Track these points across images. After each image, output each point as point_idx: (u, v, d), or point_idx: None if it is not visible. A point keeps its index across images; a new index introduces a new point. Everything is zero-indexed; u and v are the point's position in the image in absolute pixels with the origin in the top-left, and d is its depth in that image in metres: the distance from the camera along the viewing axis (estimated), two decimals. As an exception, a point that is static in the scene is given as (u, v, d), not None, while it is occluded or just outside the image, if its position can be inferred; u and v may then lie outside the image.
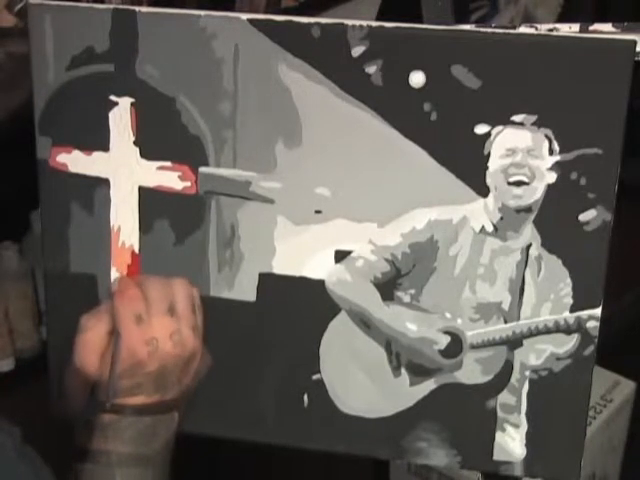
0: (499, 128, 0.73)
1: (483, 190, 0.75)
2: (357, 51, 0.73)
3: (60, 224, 0.81)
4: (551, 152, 0.73)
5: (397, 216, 0.77)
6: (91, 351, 0.74)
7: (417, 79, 0.73)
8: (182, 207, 0.79)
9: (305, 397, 0.82)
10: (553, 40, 0.72)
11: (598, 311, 0.76)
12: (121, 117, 0.77)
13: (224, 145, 0.77)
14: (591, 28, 0.74)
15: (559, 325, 0.77)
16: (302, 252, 0.78)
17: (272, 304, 0.80)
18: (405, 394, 0.81)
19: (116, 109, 0.77)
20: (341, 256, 0.78)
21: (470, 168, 0.75)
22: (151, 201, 0.79)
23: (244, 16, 0.74)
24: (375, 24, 0.73)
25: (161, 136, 0.78)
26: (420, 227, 0.77)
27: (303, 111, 0.75)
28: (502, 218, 0.76)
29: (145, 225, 0.80)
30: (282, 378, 0.82)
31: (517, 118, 0.73)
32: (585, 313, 0.77)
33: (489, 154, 0.74)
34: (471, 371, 0.79)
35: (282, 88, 0.75)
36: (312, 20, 0.74)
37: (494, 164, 0.74)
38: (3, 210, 1.13)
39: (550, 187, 0.74)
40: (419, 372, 0.80)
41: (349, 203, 0.77)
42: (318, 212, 0.77)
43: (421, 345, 0.79)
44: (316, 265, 0.79)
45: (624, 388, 1.37)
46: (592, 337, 0.77)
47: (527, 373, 0.79)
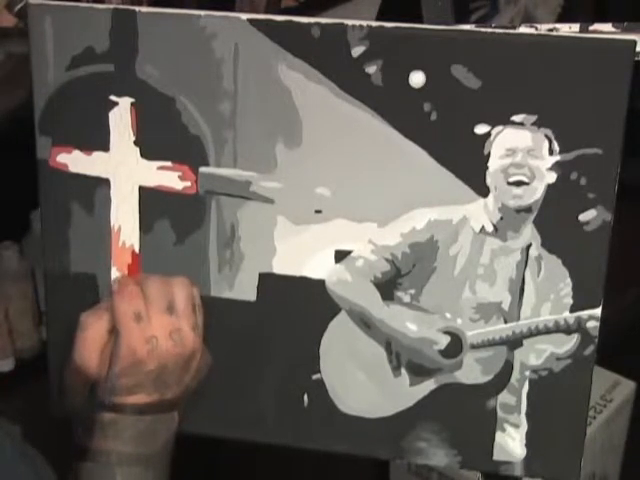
0: (499, 128, 0.73)
1: (483, 190, 0.75)
2: (357, 51, 0.73)
3: (60, 224, 0.81)
4: (551, 152, 0.73)
5: (397, 216, 0.77)
6: (91, 349, 0.74)
7: (417, 79, 0.73)
8: (182, 207, 0.79)
9: (305, 397, 0.82)
10: (553, 40, 0.72)
11: (598, 311, 0.76)
12: (121, 117, 0.77)
13: (224, 145, 0.77)
14: (591, 28, 0.74)
15: (559, 325, 0.77)
16: (302, 252, 0.78)
17: (272, 304, 0.80)
18: (405, 394, 0.81)
19: (116, 109, 0.77)
20: (341, 256, 0.78)
21: (470, 168, 0.75)
22: (151, 201, 0.79)
23: (244, 16, 0.74)
24: (375, 24, 0.73)
25: (161, 136, 0.78)
26: (420, 227, 0.77)
27: (303, 111, 0.75)
28: (502, 218, 0.76)
29: (145, 225, 0.80)
30: (282, 378, 0.82)
31: (517, 118, 0.73)
32: (585, 313, 0.77)
33: (489, 154, 0.74)
34: (471, 371, 0.79)
35: (282, 88, 0.75)
36: (312, 20, 0.74)
37: (494, 164, 0.74)
38: (3, 210, 1.13)
39: (550, 187, 0.74)
40: (419, 372, 0.80)
41: (349, 203, 0.77)
42: (318, 212, 0.77)
43: (421, 345, 0.79)
44: (316, 265, 0.79)
45: (624, 388, 1.36)
46: (592, 337, 0.77)
47: (527, 373, 0.79)
